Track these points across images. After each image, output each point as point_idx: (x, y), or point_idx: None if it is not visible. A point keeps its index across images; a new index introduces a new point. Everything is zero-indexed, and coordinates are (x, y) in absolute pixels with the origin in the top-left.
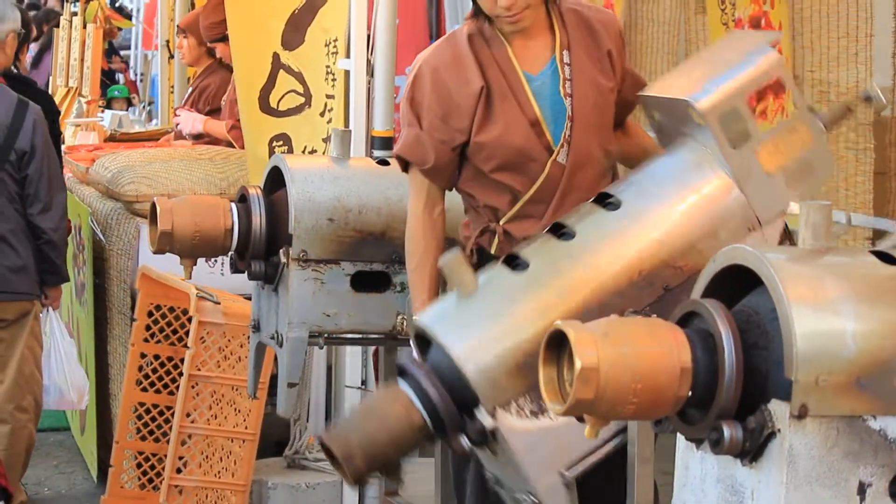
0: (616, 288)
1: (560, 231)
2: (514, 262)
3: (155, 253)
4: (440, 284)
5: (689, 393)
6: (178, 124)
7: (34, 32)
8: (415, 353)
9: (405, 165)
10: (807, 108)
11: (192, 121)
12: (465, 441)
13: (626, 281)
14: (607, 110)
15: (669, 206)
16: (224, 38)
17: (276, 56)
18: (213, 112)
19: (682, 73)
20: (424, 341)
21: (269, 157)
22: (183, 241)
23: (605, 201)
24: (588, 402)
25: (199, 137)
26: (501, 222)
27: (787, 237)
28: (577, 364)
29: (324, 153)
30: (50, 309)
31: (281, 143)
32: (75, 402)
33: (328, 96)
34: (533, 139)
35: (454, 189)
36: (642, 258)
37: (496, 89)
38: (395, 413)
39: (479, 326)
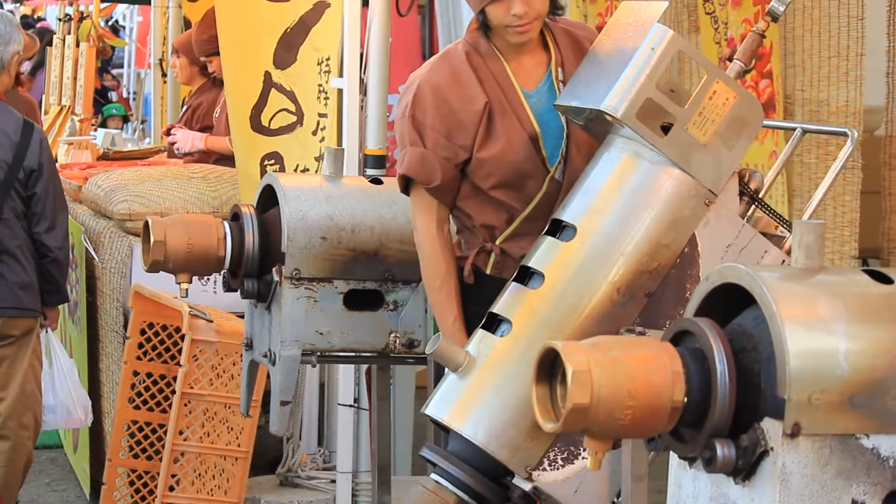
0: (601, 314)
1: (527, 275)
2: (495, 325)
3: (148, 271)
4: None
5: (684, 399)
6: (173, 143)
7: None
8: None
9: (406, 185)
10: (713, 66)
11: (190, 139)
12: None
13: (609, 303)
14: None
15: (622, 216)
16: (218, 53)
17: (267, 75)
18: (206, 129)
19: (588, 74)
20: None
21: (261, 175)
22: (176, 260)
23: (559, 228)
24: (584, 409)
25: (187, 154)
26: (498, 241)
27: (744, 188)
28: (569, 370)
29: (316, 172)
30: (49, 330)
31: (272, 161)
32: (83, 420)
33: (321, 115)
34: (532, 155)
35: None
36: (615, 277)
37: (496, 105)
38: None
39: (484, 402)
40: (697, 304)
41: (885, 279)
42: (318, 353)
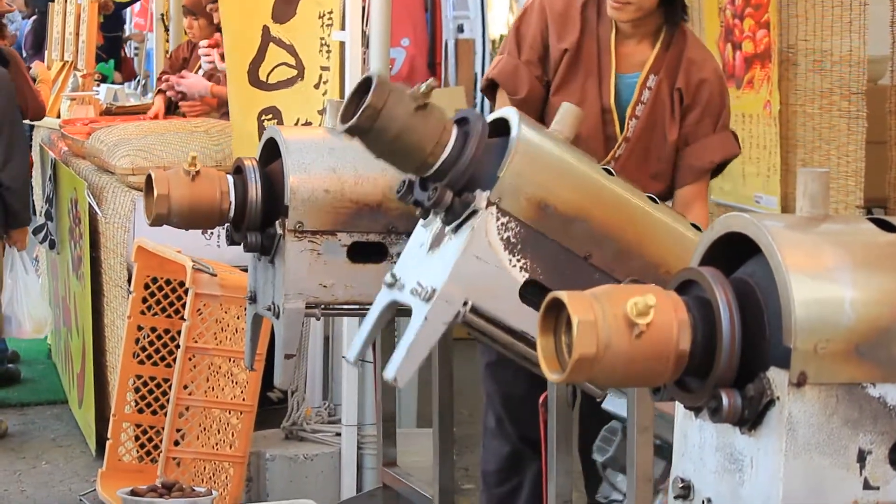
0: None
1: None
2: None
3: (151, 225)
4: None
5: (690, 347)
6: (178, 84)
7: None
8: None
9: (492, 92)
10: None
11: (199, 85)
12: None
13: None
14: (664, 148)
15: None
16: None
17: (265, 29)
18: None
19: None
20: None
21: (258, 130)
22: (179, 213)
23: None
24: (590, 359)
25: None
26: None
27: None
28: (575, 320)
29: (319, 125)
30: (14, 249)
31: (270, 116)
32: (30, 332)
33: (323, 68)
34: (598, 125)
35: None
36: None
37: (584, 60)
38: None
39: None
40: (702, 254)
41: (890, 227)
42: (322, 306)
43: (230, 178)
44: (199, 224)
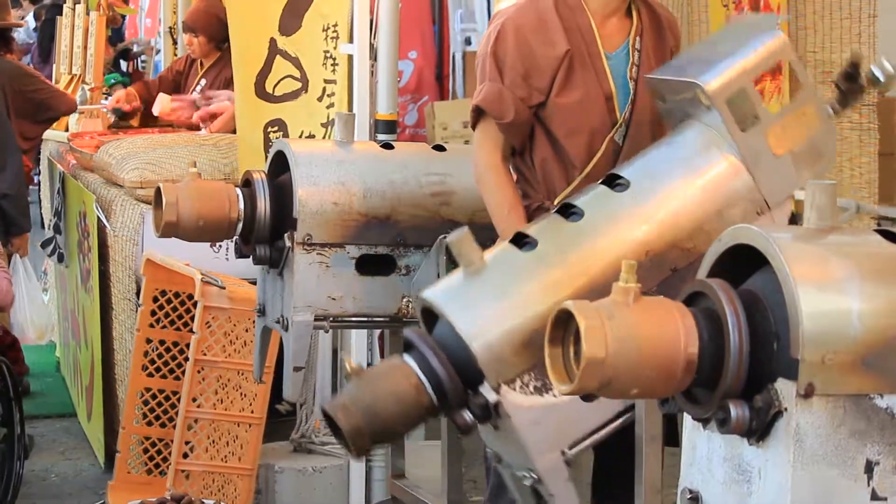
0: None
1: (569, 212)
2: (522, 242)
3: (160, 237)
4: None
5: (698, 353)
6: (209, 97)
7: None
8: (421, 327)
9: (477, 118)
10: (812, 87)
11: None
12: (468, 416)
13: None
14: None
15: (677, 188)
16: None
17: (272, 41)
18: None
19: (689, 56)
20: (431, 316)
21: (264, 143)
22: (188, 226)
23: (614, 182)
24: (599, 363)
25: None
26: (556, 200)
27: (793, 223)
28: (582, 325)
29: (323, 138)
30: (17, 256)
31: (276, 128)
32: (33, 339)
33: (327, 81)
34: (604, 113)
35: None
36: (650, 239)
37: (577, 57)
38: (400, 387)
39: (486, 303)
40: (710, 266)
41: None
42: (331, 319)
43: (239, 191)
44: (208, 237)
